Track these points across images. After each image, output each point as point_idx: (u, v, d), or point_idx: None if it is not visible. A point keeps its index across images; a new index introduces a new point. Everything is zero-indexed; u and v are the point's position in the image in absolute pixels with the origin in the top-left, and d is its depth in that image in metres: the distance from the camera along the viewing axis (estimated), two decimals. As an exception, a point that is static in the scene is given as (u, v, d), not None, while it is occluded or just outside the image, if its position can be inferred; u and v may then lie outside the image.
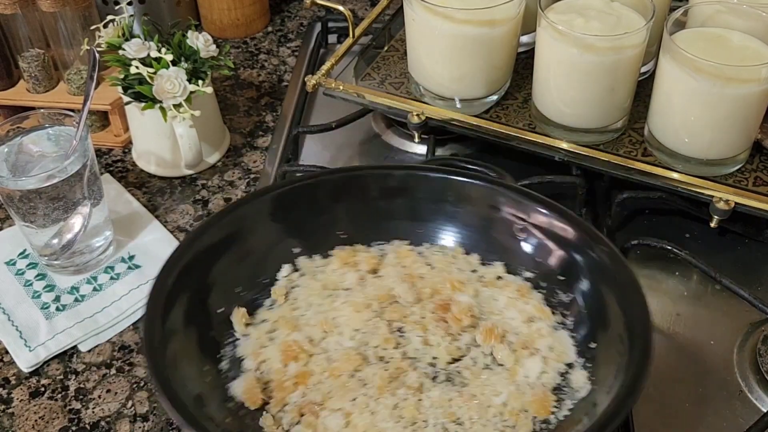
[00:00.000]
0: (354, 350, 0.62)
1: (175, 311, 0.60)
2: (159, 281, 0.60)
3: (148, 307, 0.58)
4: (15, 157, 0.72)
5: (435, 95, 0.84)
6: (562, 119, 0.79)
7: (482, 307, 0.66)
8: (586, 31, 0.73)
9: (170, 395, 0.53)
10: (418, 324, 0.64)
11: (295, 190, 0.69)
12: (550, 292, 0.66)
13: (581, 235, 0.64)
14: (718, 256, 0.77)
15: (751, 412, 0.65)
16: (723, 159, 0.74)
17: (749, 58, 0.70)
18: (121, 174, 0.89)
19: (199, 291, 0.63)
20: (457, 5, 0.76)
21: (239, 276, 0.67)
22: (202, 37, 0.85)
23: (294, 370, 0.61)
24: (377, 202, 0.71)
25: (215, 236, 0.65)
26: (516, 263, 0.68)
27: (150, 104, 0.81)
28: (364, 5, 1.18)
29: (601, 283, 0.62)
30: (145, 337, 0.57)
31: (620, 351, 0.57)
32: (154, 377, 0.54)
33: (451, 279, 0.67)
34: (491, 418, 0.58)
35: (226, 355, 0.63)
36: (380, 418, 0.57)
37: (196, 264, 0.63)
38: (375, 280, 0.68)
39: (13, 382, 0.69)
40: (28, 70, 0.90)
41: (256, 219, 0.68)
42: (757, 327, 0.71)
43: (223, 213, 0.67)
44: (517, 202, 0.67)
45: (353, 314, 0.64)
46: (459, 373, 0.61)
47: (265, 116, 0.98)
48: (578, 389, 0.60)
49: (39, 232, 0.73)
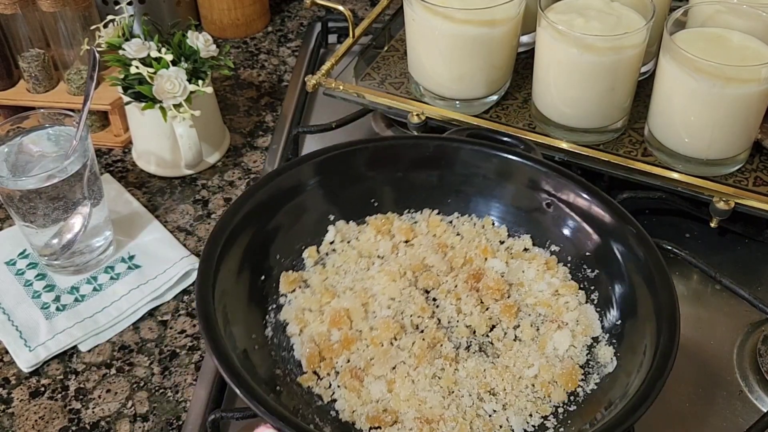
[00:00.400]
0: (392, 318, 0.64)
1: (228, 269, 0.63)
2: (222, 222, 0.64)
3: (204, 265, 0.61)
4: (15, 157, 0.72)
5: (435, 95, 0.84)
6: (562, 119, 0.79)
7: (512, 278, 0.69)
8: (586, 31, 0.73)
9: (221, 353, 0.55)
10: (451, 293, 0.67)
11: (337, 157, 0.71)
12: (576, 267, 0.69)
13: (609, 215, 0.66)
14: (718, 256, 0.77)
15: (751, 412, 0.65)
16: (723, 159, 0.74)
17: (749, 58, 0.70)
18: (121, 174, 0.89)
19: (257, 241, 0.67)
20: (457, 5, 0.76)
21: (296, 234, 0.70)
22: (202, 37, 0.85)
23: (337, 336, 0.63)
24: (410, 172, 0.73)
25: (268, 194, 0.68)
26: (543, 236, 0.71)
27: (150, 104, 0.81)
28: (364, 5, 1.18)
29: (628, 262, 0.64)
30: (199, 295, 0.59)
31: (646, 330, 0.59)
32: (208, 342, 0.56)
33: (482, 247, 0.70)
34: (523, 389, 0.61)
35: (270, 320, 0.66)
36: (420, 387, 0.60)
37: (257, 212, 0.67)
38: (408, 248, 0.71)
39: (13, 382, 0.69)
40: (28, 70, 0.90)
41: (304, 183, 0.71)
42: (757, 327, 0.71)
43: (277, 172, 0.70)
44: (546, 176, 0.70)
45: (389, 283, 0.67)
46: (491, 344, 0.64)
47: (265, 116, 0.98)
48: (605, 364, 0.62)
49: (39, 232, 0.73)
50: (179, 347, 0.72)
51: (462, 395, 0.60)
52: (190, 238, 0.82)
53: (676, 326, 0.57)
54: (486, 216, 0.73)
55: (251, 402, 0.52)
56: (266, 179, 0.69)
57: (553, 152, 0.79)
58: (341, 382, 0.61)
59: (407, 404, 0.59)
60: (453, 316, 0.66)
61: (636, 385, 0.55)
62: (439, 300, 0.67)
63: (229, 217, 0.65)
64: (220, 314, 0.59)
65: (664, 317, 0.58)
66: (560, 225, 0.70)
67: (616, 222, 0.66)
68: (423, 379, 0.61)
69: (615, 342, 0.63)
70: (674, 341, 0.56)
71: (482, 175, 0.72)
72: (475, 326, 0.65)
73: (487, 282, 0.67)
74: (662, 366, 0.55)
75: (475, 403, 0.60)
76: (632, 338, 0.61)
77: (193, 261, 0.78)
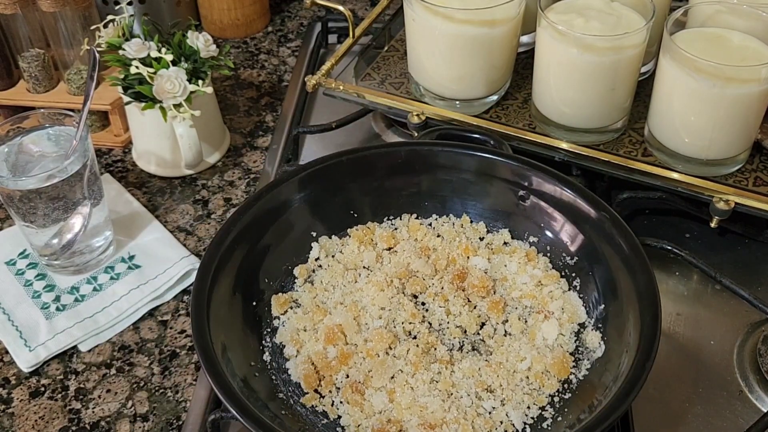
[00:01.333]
0: (384, 328, 0.65)
1: (220, 305, 0.63)
2: (210, 253, 0.64)
3: (197, 292, 0.61)
4: (15, 157, 0.72)
5: (435, 95, 0.84)
6: (562, 119, 0.79)
7: (495, 274, 0.70)
8: (586, 31, 0.73)
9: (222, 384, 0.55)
10: (438, 295, 0.68)
11: (314, 173, 0.72)
12: (555, 256, 0.70)
13: (584, 202, 0.68)
14: (718, 256, 0.77)
15: (751, 412, 0.65)
16: (723, 159, 0.74)
17: (749, 58, 0.70)
18: (121, 174, 0.89)
19: (245, 269, 0.67)
20: (457, 5, 0.76)
21: (281, 254, 0.70)
22: (202, 37, 0.85)
23: (334, 353, 0.64)
24: (385, 180, 0.74)
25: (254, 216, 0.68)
26: (521, 229, 0.73)
27: (150, 104, 0.81)
28: (364, 5, 1.18)
29: (605, 247, 0.66)
30: (196, 328, 0.59)
31: (629, 312, 0.61)
32: (207, 370, 0.56)
33: (462, 246, 0.71)
34: (519, 383, 0.62)
35: (267, 345, 0.66)
36: (420, 393, 0.61)
37: (243, 237, 0.67)
38: (391, 256, 0.72)
39: (13, 382, 0.69)
40: (28, 70, 0.90)
41: (285, 203, 0.71)
42: (757, 327, 0.71)
43: (261, 193, 0.70)
44: (517, 169, 0.71)
45: (378, 293, 0.67)
46: (483, 342, 0.65)
47: (265, 116, 0.98)
48: (593, 349, 0.63)
49: (39, 232, 0.73)
50: (179, 347, 0.72)
51: (461, 396, 0.61)
52: (190, 238, 0.82)
53: (657, 306, 0.59)
54: (463, 215, 0.75)
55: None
56: (246, 205, 0.68)
57: (553, 152, 0.79)
58: (343, 398, 0.61)
59: (409, 412, 0.60)
60: (443, 318, 0.67)
61: (626, 366, 0.57)
62: (428, 304, 0.68)
63: (216, 247, 0.65)
64: (218, 345, 0.59)
65: (645, 298, 0.60)
66: (536, 216, 0.71)
67: (591, 209, 0.67)
68: (422, 385, 0.61)
69: (601, 326, 0.64)
70: (657, 321, 0.58)
71: (455, 175, 0.74)
72: (466, 326, 0.66)
73: (472, 281, 0.68)
74: (648, 347, 0.56)
75: (474, 402, 0.60)
76: (616, 321, 0.63)
77: (193, 261, 0.78)
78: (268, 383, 0.62)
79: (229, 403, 0.54)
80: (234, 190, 0.87)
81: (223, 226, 0.66)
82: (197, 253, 0.79)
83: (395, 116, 0.87)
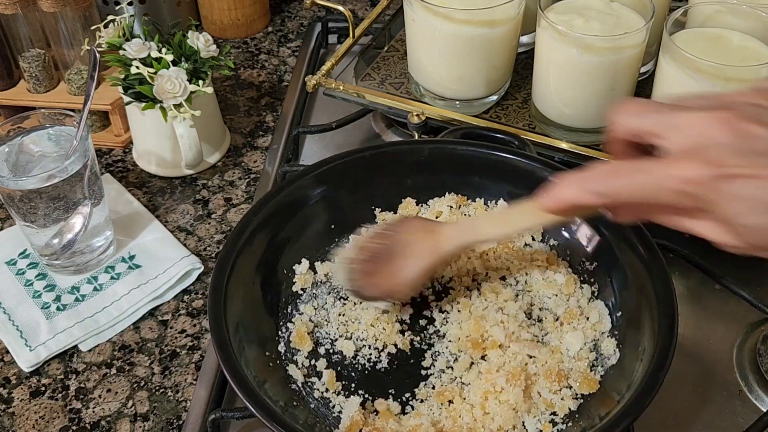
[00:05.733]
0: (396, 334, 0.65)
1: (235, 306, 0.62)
2: (227, 247, 0.64)
3: (213, 303, 0.61)
4: (15, 157, 0.72)
5: (435, 95, 0.84)
6: (562, 119, 0.79)
7: (518, 285, 0.69)
8: (585, 32, 0.73)
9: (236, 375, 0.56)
10: (457, 301, 0.67)
11: (336, 168, 0.72)
12: (575, 261, 0.69)
13: None
14: (718, 256, 0.77)
15: (751, 412, 0.65)
16: (723, 159, 0.74)
17: (749, 58, 0.70)
18: (122, 174, 0.90)
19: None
20: (457, 5, 0.76)
21: (300, 248, 0.70)
22: (203, 37, 0.85)
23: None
24: (406, 177, 0.74)
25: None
26: (542, 232, 0.72)
27: (150, 104, 0.81)
28: (364, 5, 1.18)
29: (623, 253, 0.65)
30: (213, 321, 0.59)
31: (646, 319, 0.60)
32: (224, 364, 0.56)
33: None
34: (539, 391, 0.60)
35: (282, 335, 0.66)
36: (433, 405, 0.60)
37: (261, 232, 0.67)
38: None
39: (14, 381, 0.69)
40: (28, 70, 0.90)
41: (305, 198, 0.71)
42: (756, 327, 0.71)
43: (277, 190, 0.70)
44: (541, 172, 0.70)
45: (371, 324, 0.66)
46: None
47: (266, 116, 0.98)
48: (608, 356, 0.62)
49: (39, 232, 0.73)
50: (179, 347, 0.72)
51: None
52: (190, 237, 0.82)
53: (674, 314, 0.58)
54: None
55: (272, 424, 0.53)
56: (264, 200, 0.68)
57: (553, 152, 0.79)
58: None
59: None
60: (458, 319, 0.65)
61: (640, 375, 0.56)
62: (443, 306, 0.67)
63: (233, 241, 0.65)
64: (232, 327, 0.60)
65: (662, 305, 0.59)
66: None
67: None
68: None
69: (617, 333, 0.63)
70: (673, 329, 0.57)
71: (478, 175, 0.73)
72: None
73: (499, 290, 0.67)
74: (663, 356, 0.56)
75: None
76: (633, 329, 0.62)
77: (194, 261, 0.78)
78: (282, 374, 0.62)
79: (246, 399, 0.54)
80: (234, 190, 0.88)
81: (241, 221, 0.66)
82: (197, 253, 0.79)
83: (395, 116, 0.87)
